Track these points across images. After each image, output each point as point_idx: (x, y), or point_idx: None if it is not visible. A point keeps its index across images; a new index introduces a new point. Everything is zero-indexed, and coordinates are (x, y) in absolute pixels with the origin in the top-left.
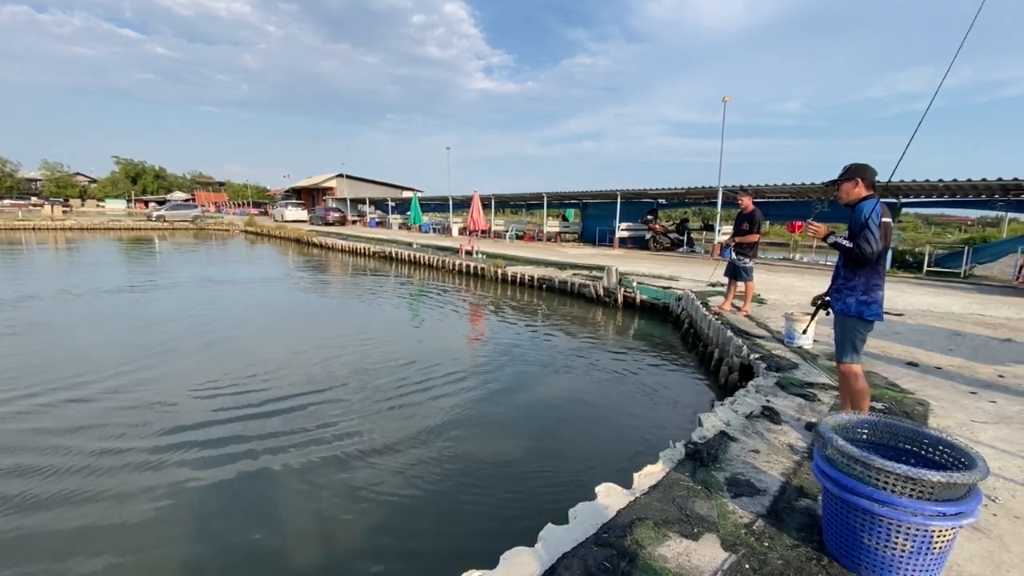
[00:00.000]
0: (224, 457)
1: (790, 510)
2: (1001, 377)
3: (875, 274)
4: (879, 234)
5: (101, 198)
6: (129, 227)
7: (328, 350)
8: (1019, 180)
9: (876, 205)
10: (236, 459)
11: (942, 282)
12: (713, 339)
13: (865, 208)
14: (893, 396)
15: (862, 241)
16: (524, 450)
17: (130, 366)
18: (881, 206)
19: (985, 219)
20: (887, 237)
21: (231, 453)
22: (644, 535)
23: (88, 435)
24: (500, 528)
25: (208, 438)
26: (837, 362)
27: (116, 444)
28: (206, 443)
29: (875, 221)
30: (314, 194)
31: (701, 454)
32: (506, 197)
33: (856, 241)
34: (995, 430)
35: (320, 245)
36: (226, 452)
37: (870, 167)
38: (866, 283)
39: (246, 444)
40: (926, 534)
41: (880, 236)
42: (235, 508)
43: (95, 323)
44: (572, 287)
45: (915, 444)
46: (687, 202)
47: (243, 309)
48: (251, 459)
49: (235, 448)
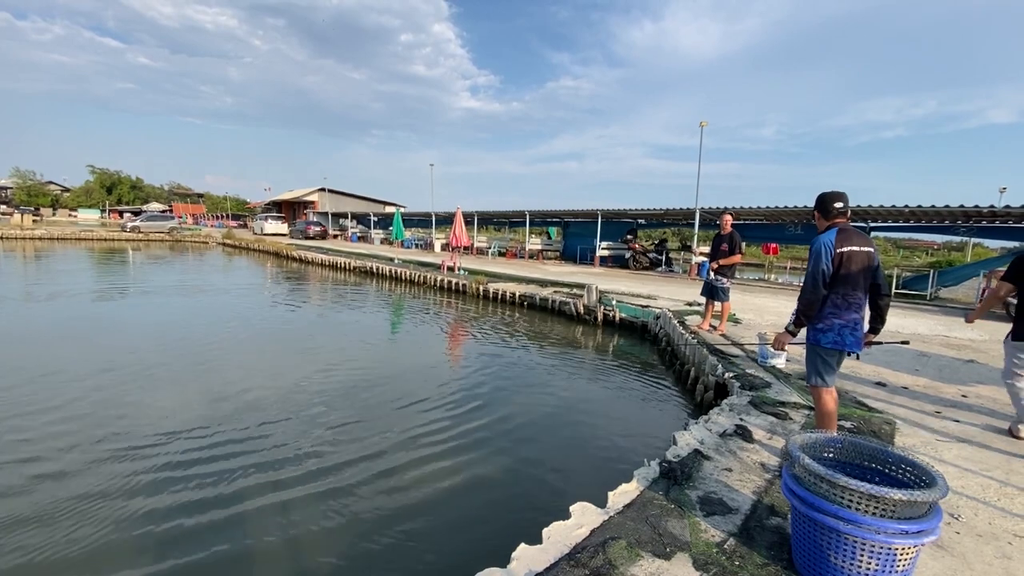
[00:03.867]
0: (192, 479)
1: (761, 529)
2: (964, 397)
3: (830, 304)
4: (816, 268)
5: (74, 207)
6: (102, 237)
7: (300, 369)
8: (980, 207)
9: (821, 239)
10: (200, 480)
11: (909, 304)
12: (690, 358)
13: (812, 245)
14: (861, 415)
15: (805, 278)
16: (498, 468)
17: (90, 384)
18: (837, 235)
19: (950, 244)
20: (845, 265)
21: (199, 474)
22: (617, 555)
23: (39, 459)
24: (472, 549)
25: (174, 461)
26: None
27: (78, 463)
28: (175, 466)
29: (814, 258)
30: (295, 207)
31: (675, 472)
32: (489, 214)
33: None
34: (958, 449)
35: (300, 259)
36: (193, 473)
37: (829, 196)
38: (821, 312)
39: (216, 464)
40: (889, 552)
41: (818, 271)
42: (204, 531)
43: (43, 337)
44: (553, 304)
45: (880, 463)
46: (666, 222)
47: (213, 325)
48: (219, 480)
49: (201, 469)
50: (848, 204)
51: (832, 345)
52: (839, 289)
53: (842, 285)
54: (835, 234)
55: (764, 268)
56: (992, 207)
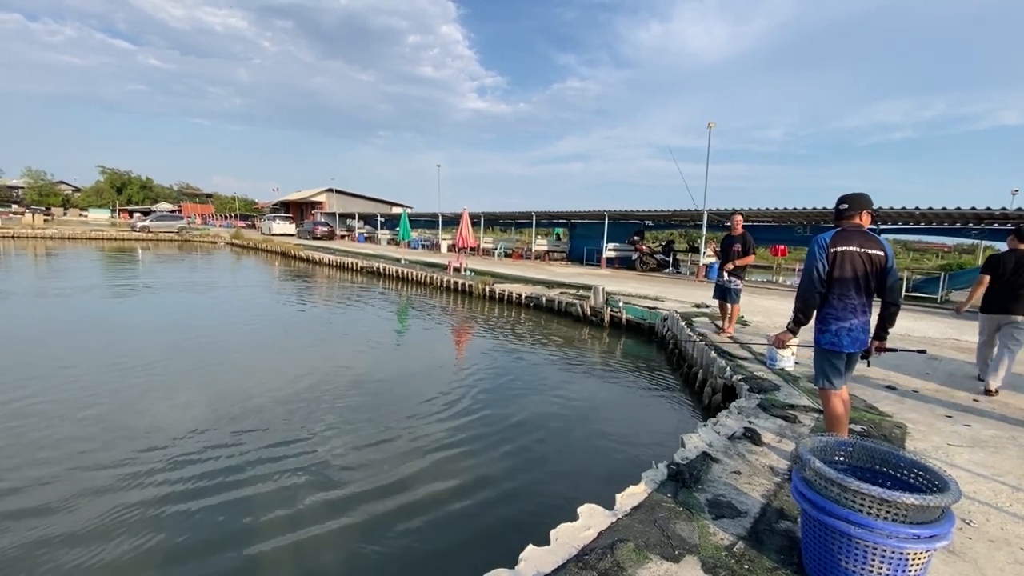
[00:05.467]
0: (201, 477)
1: (770, 532)
2: (976, 401)
3: (828, 304)
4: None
5: (84, 207)
6: (112, 237)
7: (308, 368)
8: (991, 209)
9: (816, 238)
10: (209, 479)
11: (920, 307)
12: (697, 360)
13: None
14: (872, 419)
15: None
16: (506, 470)
17: (98, 384)
18: (836, 234)
19: (961, 246)
20: (839, 265)
21: (206, 473)
22: (625, 557)
23: (50, 454)
24: (480, 550)
25: (175, 458)
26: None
27: (89, 461)
28: (175, 464)
29: (808, 256)
30: (303, 208)
31: (683, 475)
32: (495, 215)
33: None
34: (970, 453)
35: (307, 259)
36: (202, 472)
37: (840, 197)
38: (820, 313)
39: (224, 462)
40: (901, 557)
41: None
42: (213, 533)
43: (59, 332)
44: (559, 306)
45: (891, 467)
46: (673, 224)
47: (222, 324)
48: (225, 477)
49: (200, 469)
50: (859, 206)
51: (829, 346)
52: (835, 290)
53: (838, 286)
54: (833, 234)
55: (772, 270)
56: (1004, 209)
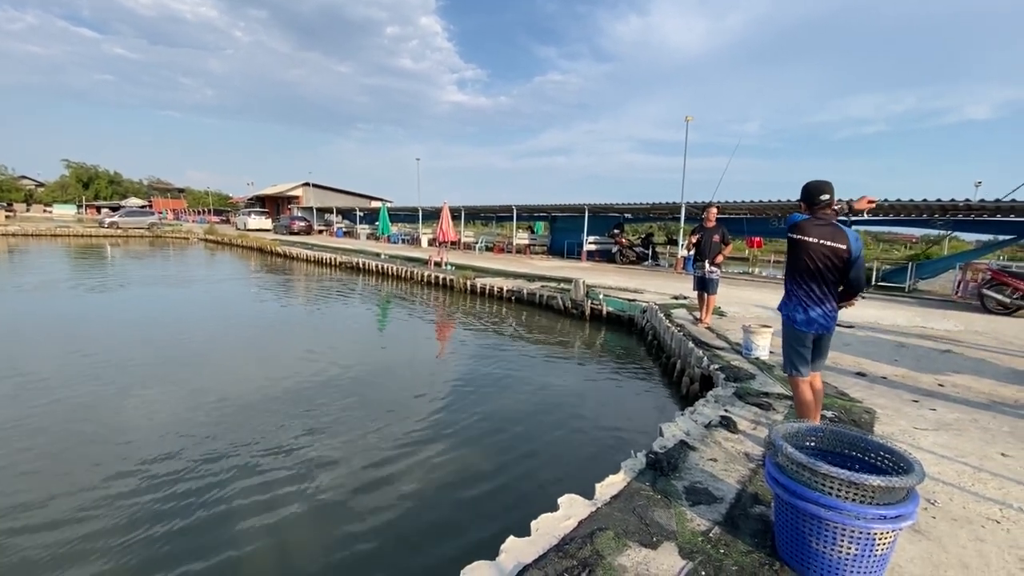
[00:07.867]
0: (178, 479)
1: (745, 517)
2: (941, 386)
3: (789, 281)
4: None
5: (49, 203)
6: (78, 234)
7: (286, 365)
8: (956, 201)
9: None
10: (186, 480)
11: (888, 296)
12: (675, 350)
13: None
14: (843, 405)
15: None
16: (487, 462)
17: (69, 381)
18: (803, 222)
19: (928, 237)
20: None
21: (183, 472)
22: (605, 545)
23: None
24: (461, 541)
25: (156, 457)
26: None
27: (71, 466)
28: (155, 462)
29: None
30: (279, 202)
31: (661, 463)
32: (476, 209)
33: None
34: (935, 436)
35: (284, 255)
36: (179, 472)
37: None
38: (785, 291)
39: (200, 463)
40: (869, 536)
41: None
42: (193, 534)
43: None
44: (541, 299)
45: (860, 450)
46: (652, 217)
47: (197, 322)
48: (202, 476)
49: (186, 467)
50: (834, 196)
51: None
52: (795, 277)
53: (796, 274)
54: (802, 220)
55: (748, 262)
56: (968, 201)
